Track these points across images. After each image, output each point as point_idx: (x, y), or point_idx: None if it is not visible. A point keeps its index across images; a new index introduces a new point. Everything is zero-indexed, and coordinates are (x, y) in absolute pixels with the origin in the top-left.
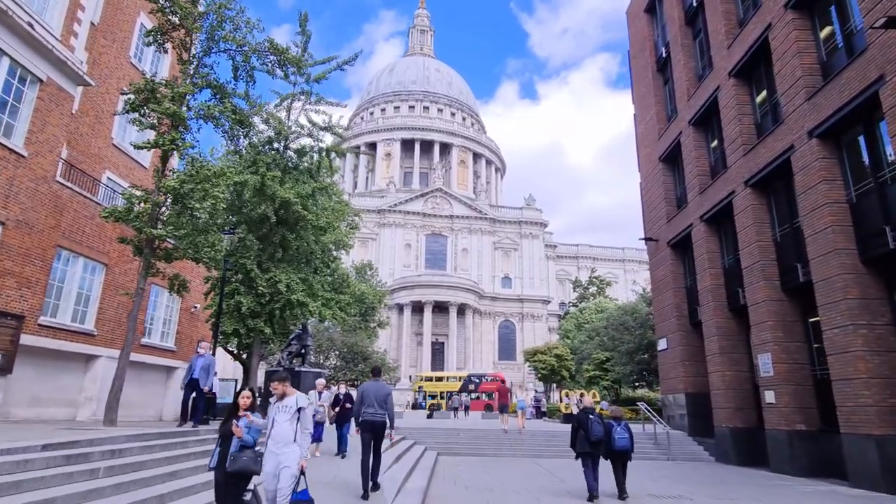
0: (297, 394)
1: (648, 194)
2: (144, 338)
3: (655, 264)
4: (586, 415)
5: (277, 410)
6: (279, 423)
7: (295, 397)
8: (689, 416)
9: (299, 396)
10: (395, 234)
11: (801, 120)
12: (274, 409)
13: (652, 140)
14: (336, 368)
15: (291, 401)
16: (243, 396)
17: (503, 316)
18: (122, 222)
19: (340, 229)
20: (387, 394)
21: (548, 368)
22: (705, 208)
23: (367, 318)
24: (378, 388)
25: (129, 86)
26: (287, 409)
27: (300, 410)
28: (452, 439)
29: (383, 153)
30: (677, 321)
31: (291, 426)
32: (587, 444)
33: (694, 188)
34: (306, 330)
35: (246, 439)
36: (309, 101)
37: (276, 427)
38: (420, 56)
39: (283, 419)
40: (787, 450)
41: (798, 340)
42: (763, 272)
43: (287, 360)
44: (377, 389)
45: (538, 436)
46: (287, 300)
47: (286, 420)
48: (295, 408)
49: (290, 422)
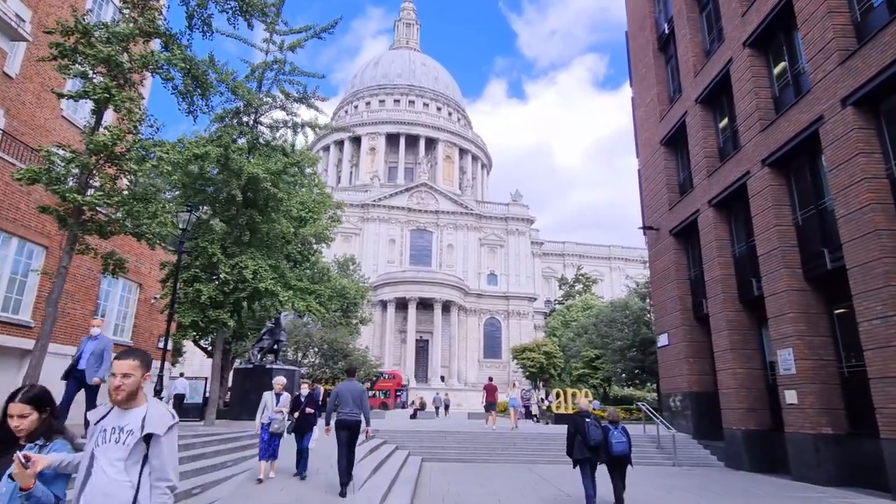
0: (148, 404)
1: (648, 181)
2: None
3: (656, 255)
4: (582, 418)
5: (101, 436)
6: (102, 464)
7: (142, 410)
8: (694, 417)
9: (152, 409)
10: (380, 230)
11: (832, 87)
12: (96, 432)
13: (652, 123)
14: (315, 366)
15: (133, 417)
16: (18, 413)
17: (489, 313)
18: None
19: (321, 221)
20: (361, 392)
21: (536, 366)
22: (714, 192)
23: (349, 315)
24: (353, 388)
25: (56, 24)
26: (121, 434)
27: (150, 441)
28: (438, 443)
29: (368, 147)
30: (680, 315)
31: (127, 474)
32: (585, 449)
33: (701, 171)
34: (280, 324)
35: (37, 495)
36: (282, 72)
37: (96, 473)
38: (406, 50)
39: (114, 455)
40: (811, 456)
41: (822, 334)
42: (783, 259)
43: (258, 356)
44: (352, 389)
45: (531, 439)
46: (254, 289)
47: (118, 457)
48: (139, 433)
49: (127, 462)
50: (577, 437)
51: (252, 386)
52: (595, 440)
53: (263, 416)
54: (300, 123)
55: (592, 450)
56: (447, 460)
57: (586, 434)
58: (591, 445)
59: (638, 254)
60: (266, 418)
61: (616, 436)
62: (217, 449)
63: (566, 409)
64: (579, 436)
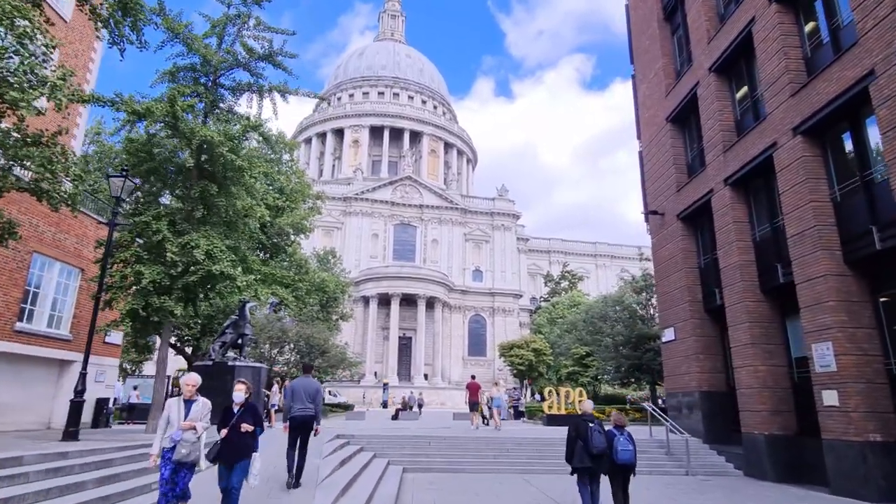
0: None
1: (652, 162)
2: (21, 322)
3: (660, 242)
4: (586, 422)
5: None
6: None
7: None
8: (705, 419)
9: None
10: (362, 224)
11: (882, 38)
12: None
13: (657, 99)
14: (290, 364)
15: None
16: None
17: (473, 310)
18: None
19: (298, 211)
20: (316, 389)
21: (525, 364)
22: (731, 169)
23: (329, 310)
24: (308, 384)
25: None
26: None
27: None
28: (422, 450)
29: (351, 140)
30: (689, 307)
31: None
32: (587, 457)
33: (715, 147)
34: (245, 316)
35: None
36: (246, 27)
37: None
38: (391, 41)
39: None
40: (856, 467)
41: (866, 326)
42: (820, 240)
43: (220, 352)
44: (307, 385)
45: (526, 444)
46: (207, 272)
47: None
48: None
49: None
50: (577, 443)
51: (211, 385)
52: (598, 448)
53: (165, 438)
54: (267, 87)
55: (594, 458)
56: (433, 470)
57: (589, 440)
58: (595, 453)
59: (625, 251)
60: (168, 440)
61: (622, 442)
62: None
63: (559, 409)
64: (580, 441)
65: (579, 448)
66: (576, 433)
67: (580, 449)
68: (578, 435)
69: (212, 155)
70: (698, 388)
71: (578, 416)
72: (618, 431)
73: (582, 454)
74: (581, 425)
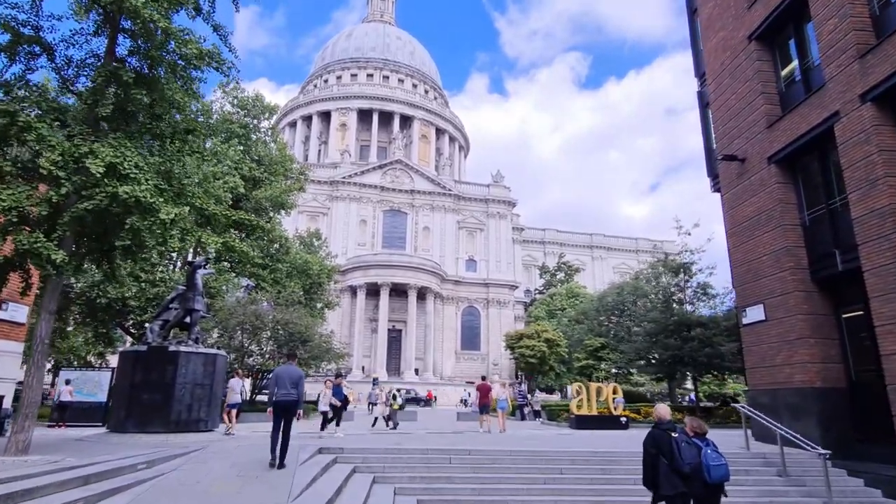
0: None
1: (725, 96)
2: None
3: (739, 196)
4: (668, 433)
5: None
6: None
7: None
8: (821, 425)
9: None
10: (350, 209)
11: None
12: None
13: (732, 17)
14: (265, 355)
15: None
16: None
17: (467, 301)
18: None
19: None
20: (299, 376)
21: (537, 357)
22: (875, 80)
23: (313, 296)
24: (291, 371)
25: None
26: None
27: None
28: (440, 470)
29: (338, 123)
30: (790, 276)
31: None
32: (677, 479)
33: (843, 53)
34: (195, 286)
35: None
36: None
37: None
38: (380, 23)
39: None
40: None
41: None
42: None
43: (160, 333)
44: (290, 372)
45: (581, 461)
46: (111, 196)
47: None
48: None
49: None
50: (660, 461)
51: (147, 379)
52: (691, 464)
53: None
54: None
55: (687, 480)
56: (459, 500)
57: (677, 456)
58: (686, 473)
59: (622, 243)
60: None
61: (712, 456)
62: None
63: (589, 408)
64: (664, 458)
65: (664, 468)
66: (656, 449)
67: (666, 469)
68: (661, 451)
69: (135, 27)
70: (808, 382)
71: (655, 426)
72: (701, 441)
73: (671, 476)
74: (661, 437)
